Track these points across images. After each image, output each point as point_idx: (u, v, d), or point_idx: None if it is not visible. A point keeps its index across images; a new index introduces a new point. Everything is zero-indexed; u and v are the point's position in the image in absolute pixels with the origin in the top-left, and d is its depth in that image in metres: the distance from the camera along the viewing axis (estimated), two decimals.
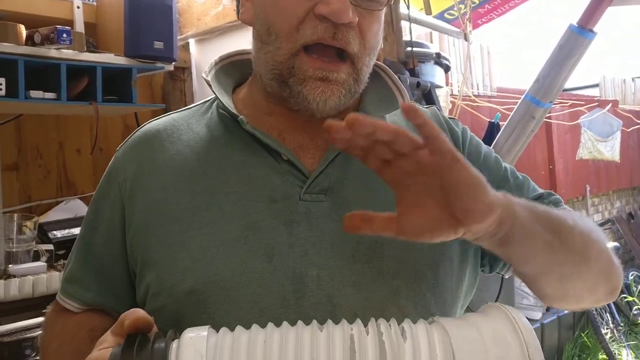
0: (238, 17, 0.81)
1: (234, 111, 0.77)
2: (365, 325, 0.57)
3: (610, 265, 0.77)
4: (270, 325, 0.57)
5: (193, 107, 0.86)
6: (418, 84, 2.09)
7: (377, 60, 0.80)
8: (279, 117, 0.78)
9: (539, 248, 0.67)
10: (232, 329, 0.67)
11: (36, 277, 1.74)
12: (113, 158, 0.83)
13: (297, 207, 0.72)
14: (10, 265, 1.75)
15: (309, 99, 0.71)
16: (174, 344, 0.53)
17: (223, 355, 0.52)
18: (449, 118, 0.89)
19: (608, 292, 0.78)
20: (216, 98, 0.82)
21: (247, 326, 0.66)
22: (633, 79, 7.05)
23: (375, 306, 0.70)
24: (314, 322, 0.57)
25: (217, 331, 0.57)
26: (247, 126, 0.75)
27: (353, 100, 0.82)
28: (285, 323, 0.57)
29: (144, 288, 0.74)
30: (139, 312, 0.57)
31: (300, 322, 0.57)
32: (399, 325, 0.57)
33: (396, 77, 0.84)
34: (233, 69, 0.85)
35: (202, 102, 0.86)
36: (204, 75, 0.80)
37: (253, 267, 0.69)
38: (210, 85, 0.78)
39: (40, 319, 1.70)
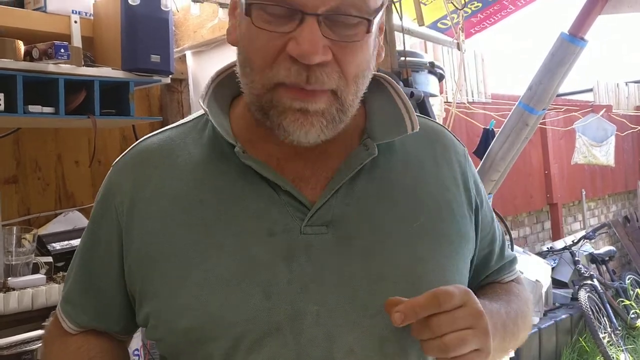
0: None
1: (231, 139, 0.74)
2: None
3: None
4: None
5: (190, 121, 0.83)
6: (412, 93, 2.11)
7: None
8: (274, 145, 0.75)
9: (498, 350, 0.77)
10: None
11: (35, 289, 1.75)
12: (108, 176, 0.81)
13: (297, 241, 0.71)
14: (9, 278, 1.76)
15: (289, 131, 0.68)
16: None
17: None
18: (460, 142, 0.88)
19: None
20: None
21: None
22: (627, 84, 7.09)
23: (374, 343, 0.69)
24: None
25: None
26: (243, 158, 0.73)
27: (356, 118, 0.77)
28: None
29: (144, 317, 0.74)
30: None
31: None
32: None
33: (404, 93, 0.80)
34: (229, 82, 0.80)
35: (200, 116, 0.83)
36: (200, 102, 0.77)
37: (250, 306, 0.68)
38: (207, 114, 0.75)
39: (40, 332, 1.71)
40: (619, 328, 4.59)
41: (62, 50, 1.77)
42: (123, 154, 0.83)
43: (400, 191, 0.76)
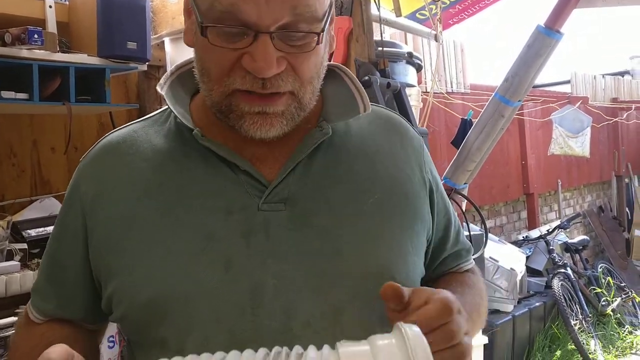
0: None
1: (190, 124, 0.77)
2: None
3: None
4: None
5: (154, 115, 0.87)
6: (388, 84, 2.13)
7: (347, 61, 0.80)
8: (234, 132, 0.77)
9: None
10: (190, 339, 0.70)
11: (9, 276, 1.74)
12: (76, 170, 0.85)
13: (255, 218, 0.73)
14: None
15: (249, 132, 0.73)
16: None
17: None
18: (417, 134, 0.91)
19: None
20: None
21: (206, 336, 0.70)
22: (603, 76, 7.20)
23: (329, 316, 0.72)
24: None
25: None
26: (201, 140, 0.76)
27: (312, 106, 0.80)
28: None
29: (107, 298, 0.76)
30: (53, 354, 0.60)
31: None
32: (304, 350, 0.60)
33: (356, 79, 0.85)
34: (189, 77, 0.83)
35: (162, 111, 0.87)
36: (158, 88, 0.80)
37: (210, 278, 0.71)
38: (165, 99, 0.78)
39: (14, 319, 1.71)
40: (590, 315, 4.70)
41: (36, 36, 1.75)
42: (88, 150, 0.86)
43: (355, 170, 0.80)
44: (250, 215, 0.74)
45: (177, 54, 2.50)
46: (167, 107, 0.85)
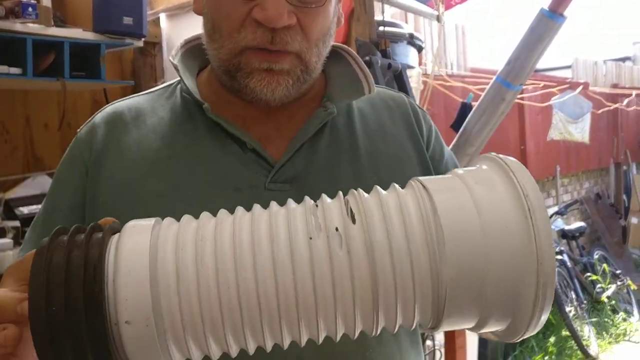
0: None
1: (199, 98, 0.77)
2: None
3: None
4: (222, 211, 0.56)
5: (157, 90, 0.86)
6: (389, 65, 2.09)
7: (347, 41, 0.79)
8: (240, 107, 0.78)
9: None
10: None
11: (2, 254, 1.73)
12: (75, 139, 0.82)
13: (261, 197, 0.72)
14: None
15: (256, 91, 0.72)
16: (115, 237, 0.47)
17: (167, 244, 0.47)
18: (420, 108, 0.90)
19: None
20: (180, 82, 0.82)
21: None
22: (604, 62, 7.15)
23: None
24: (273, 204, 0.56)
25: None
26: (211, 114, 0.75)
27: (317, 85, 0.83)
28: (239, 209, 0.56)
29: None
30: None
31: (256, 206, 0.55)
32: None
33: (361, 60, 0.84)
34: (198, 52, 0.84)
35: (167, 86, 0.85)
36: (171, 59, 0.80)
37: None
38: (177, 69, 0.78)
39: None
40: (585, 302, 4.72)
41: (30, 9, 1.71)
42: (88, 120, 0.84)
43: (359, 149, 0.80)
44: (257, 195, 0.73)
45: (174, 30, 2.46)
46: (171, 82, 0.85)
